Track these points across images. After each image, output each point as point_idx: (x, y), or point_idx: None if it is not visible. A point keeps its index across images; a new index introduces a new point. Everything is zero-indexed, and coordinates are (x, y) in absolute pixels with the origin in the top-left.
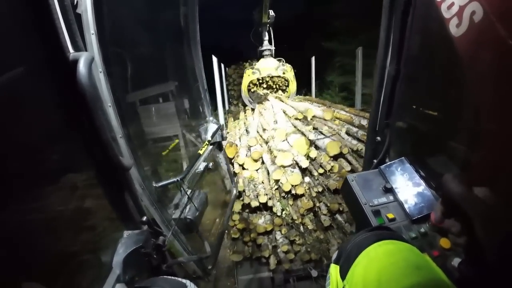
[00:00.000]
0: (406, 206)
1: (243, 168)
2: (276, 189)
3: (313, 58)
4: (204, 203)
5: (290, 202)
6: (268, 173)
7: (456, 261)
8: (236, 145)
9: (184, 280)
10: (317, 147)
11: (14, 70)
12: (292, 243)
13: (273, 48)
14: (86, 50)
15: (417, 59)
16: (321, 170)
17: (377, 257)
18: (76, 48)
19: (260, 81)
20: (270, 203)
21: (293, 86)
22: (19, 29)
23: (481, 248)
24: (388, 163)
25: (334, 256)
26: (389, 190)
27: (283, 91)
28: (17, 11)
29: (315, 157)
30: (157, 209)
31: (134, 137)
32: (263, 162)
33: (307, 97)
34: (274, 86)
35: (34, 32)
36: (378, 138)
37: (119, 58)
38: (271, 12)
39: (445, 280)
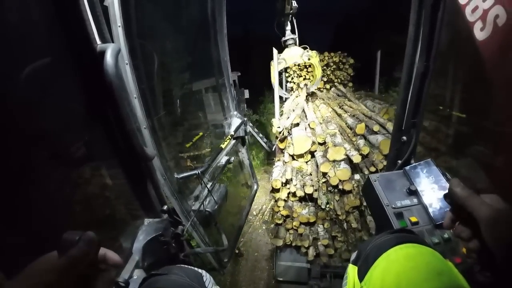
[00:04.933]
0: (430, 210)
1: (293, 159)
2: (323, 182)
3: (378, 53)
4: (223, 197)
5: (336, 197)
6: (317, 166)
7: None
8: (286, 136)
9: (200, 270)
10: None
11: (43, 61)
12: (334, 239)
13: (296, 36)
14: (112, 42)
15: (447, 56)
16: (372, 169)
17: (397, 260)
18: (103, 40)
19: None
20: (315, 195)
21: (318, 71)
22: (49, 21)
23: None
24: (413, 164)
25: (353, 256)
26: (413, 193)
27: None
28: (46, 3)
29: (367, 154)
30: (177, 200)
31: (158, 129)
32: (313, 156)
33: (369, 93)
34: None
35: (63, 23)
36: (404, 137)
37: (145, 50)
38: (294, 3)
39: None
